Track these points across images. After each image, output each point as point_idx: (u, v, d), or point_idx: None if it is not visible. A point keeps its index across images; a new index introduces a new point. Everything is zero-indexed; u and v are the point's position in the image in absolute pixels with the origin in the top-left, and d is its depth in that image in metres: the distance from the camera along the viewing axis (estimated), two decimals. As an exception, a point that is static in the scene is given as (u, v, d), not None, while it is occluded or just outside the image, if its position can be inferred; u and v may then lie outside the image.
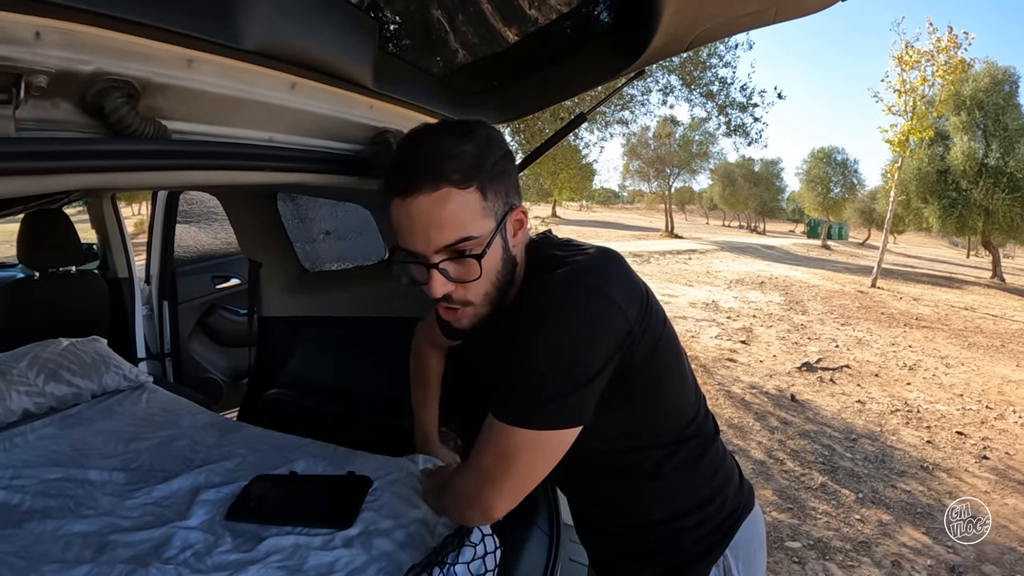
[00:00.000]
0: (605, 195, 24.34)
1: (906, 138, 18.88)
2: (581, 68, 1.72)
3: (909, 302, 16.91)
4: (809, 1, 1.41)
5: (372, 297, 2.90)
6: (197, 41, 0.98)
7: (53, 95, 0.86)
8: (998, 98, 24.35)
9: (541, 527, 2.14)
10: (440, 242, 1.16)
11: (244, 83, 1.13)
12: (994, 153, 24.07)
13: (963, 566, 4.08)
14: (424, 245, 1.16)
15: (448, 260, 1.19)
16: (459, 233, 1.16)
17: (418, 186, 1.13)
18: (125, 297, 4.06)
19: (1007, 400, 8.03)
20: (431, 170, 1.13)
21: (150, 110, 1.02)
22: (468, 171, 1.15)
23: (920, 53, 18.69)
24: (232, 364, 4.70)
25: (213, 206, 4.94)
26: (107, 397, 2.94)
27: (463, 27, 1.61)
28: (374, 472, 2.18)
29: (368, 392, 2.81)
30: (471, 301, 1.24)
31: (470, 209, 1.16)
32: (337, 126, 1.47)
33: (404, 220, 1.17)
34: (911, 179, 25.28)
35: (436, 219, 1.14)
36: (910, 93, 18.69)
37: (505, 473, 1.24)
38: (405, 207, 1.15)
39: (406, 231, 1.18)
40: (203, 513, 1.97)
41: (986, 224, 24.78)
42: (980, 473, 5.64)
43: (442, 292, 1.19)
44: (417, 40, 1.61)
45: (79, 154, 0.87)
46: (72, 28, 0.81)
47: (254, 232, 3.27)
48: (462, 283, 1.21)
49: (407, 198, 1.14)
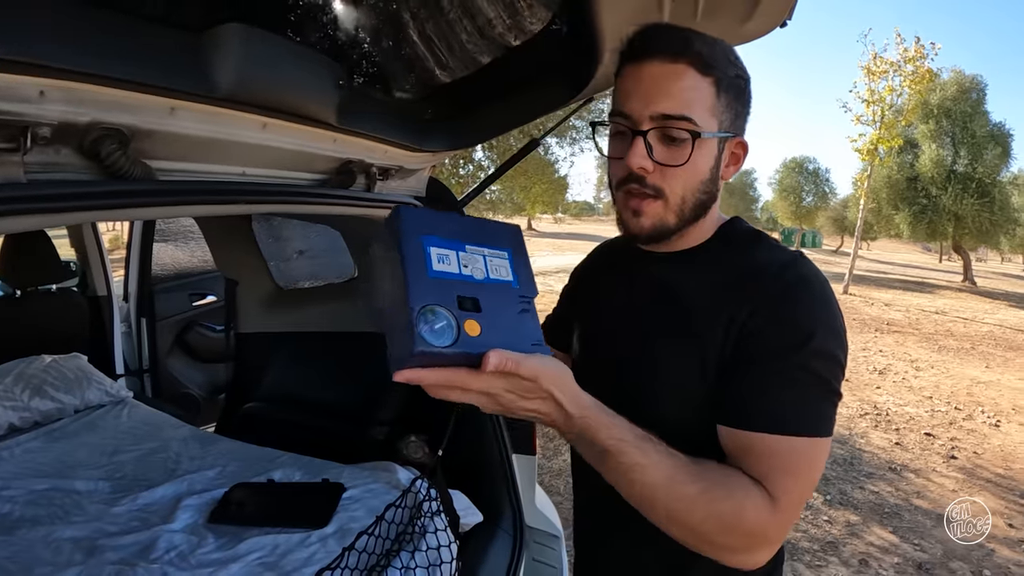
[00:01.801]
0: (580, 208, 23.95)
1: (875, 147, 19.07)
2: (532, 97, 1.83)
3: (880, 307, 17.10)
4: (748, 30, 1.49)
5: (343, 313, 2.98)
6: (178, 92, 1.09)
7: (55, 143, 0.97)
8: (965, 106, 24.76)
9: (505, 529, 2.26)
10: (659, 108, 1.03)
11: (220, 125, 1.23)
12: (962, 160, 24.49)
13: (930, 563, 4.16)
14: (641, 107, 1.04)
15: (657, 137, 1.06)
16: (682, 109, 1.03)
17: (658, 51, 1.04)
18: (104, 314, 4.07)
19: (976, 401, 8.18)
20: (677, 41, 1.04)
21: (139, 152, 1.13)
22: (712, 61, 1.04)
23: (888, 63, 18.94)
24: (209, 380, 4.72)
25: (189, 225, 4.97)
26: (90, 412, 3.02)
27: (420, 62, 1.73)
28: (349, 480, 2.28)
29: (341, 404, 2.90)
30: (665, 192, 1.08)
31: (701, 96, 1.04)
32: (304, 159, 1.57)
33: (629, 83, 1.07)
34: (881, 187, 25.61)
35: (664, 86, 1.03)
36: (878, 103, 18.89)
37: (802, 496, 1.01)
38: (636, 70, 1.06)
39: (626, 94, 1.07)
40: (186, 517, 2.07)
41: (956, 229, 25.14)
42: (948, 473, 5.73)
43: (639, 164, 1.05)
44: (376, 76, 1.73)
45: (80, 195, 0.98)
46: (71, 86, 0.93)
47: (230, 251, 3.35)
48: (664, 166, 1.06)
49: (642, 62, 1.05)
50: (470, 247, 0.91)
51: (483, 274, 0.90)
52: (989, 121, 24.90)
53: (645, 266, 1.22)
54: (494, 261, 0.92)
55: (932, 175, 24.78)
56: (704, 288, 1.12)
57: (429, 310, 0.81)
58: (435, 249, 0.87)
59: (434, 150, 1.93)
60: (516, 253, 0.96)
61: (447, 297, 0.84)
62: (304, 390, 3.08)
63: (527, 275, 0.95)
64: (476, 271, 0.90)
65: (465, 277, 0.88)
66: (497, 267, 0.92)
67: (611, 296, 1.29)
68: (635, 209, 1.10)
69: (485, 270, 0.90)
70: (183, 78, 1.09)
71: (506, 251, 0.94)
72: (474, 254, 0.91)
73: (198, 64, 1.12)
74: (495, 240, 0.95)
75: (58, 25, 0.89)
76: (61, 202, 0.95)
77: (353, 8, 1.52)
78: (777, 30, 1.51)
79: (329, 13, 1.50)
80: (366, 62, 1.67)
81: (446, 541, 1.85)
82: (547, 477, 4.95)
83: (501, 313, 0.88)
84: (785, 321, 1.02)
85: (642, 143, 1.04)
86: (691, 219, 1.13)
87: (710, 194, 1.13)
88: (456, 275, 0.87)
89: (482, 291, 0.88)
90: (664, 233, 1.12)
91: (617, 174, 1.12)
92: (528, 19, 1.60)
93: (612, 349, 1.21)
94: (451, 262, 0.88)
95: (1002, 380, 9.53)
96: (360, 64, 1.65)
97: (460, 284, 0.87)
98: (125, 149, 1.06)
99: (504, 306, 0.89)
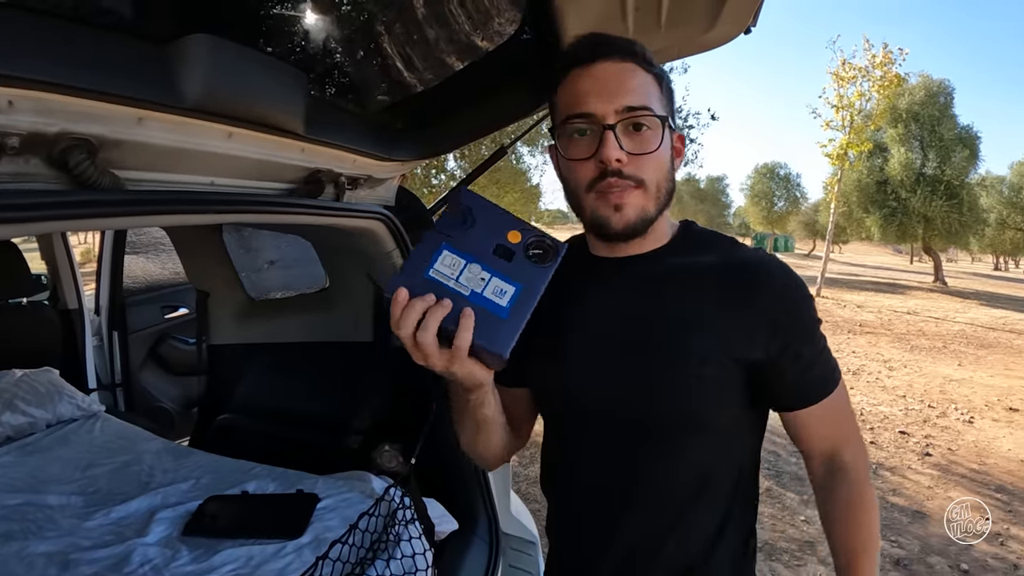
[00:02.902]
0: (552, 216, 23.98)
1: (845, 151, 19.29)
2: (500, 105, 1.83)
3: (853, 309, 17.26)
4: (711, 37, 1.52)
5: (315, 323, 2.97)
6: (146, 102, 1.09)
7: (25, 152, 0.98)
8: (933, 110, 25.19)
9: (481, 536, 2.27)
10: (623, 101, 1.06)
11: (188, 135, 1.23)
12: (931, 163, 24.85)
13: (908, 558, 4.18)
14: (604, 105, 1.06)
15: (623, 130, 1.07)
16: (643, 101, 1.07)
17: (608, 53, 1.08)
18: (76, 328, 4.03)
19: (949, 399, 8.25)
20: (622, 45, 1.10)
21: (107, 162, 1.13)
22: (651, 61, 1.12)
23: (857, 69, 19.17)
24: (183, 393, 4.69)
25: (161, 236, 4.92)
26: (62, 426, 2.99)
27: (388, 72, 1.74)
28: (324, 490, 2.28)
29: (314, 415, 2.89)
30: (644, 179, 1.09)
31: (652, 90, 1.10)
32: (272, 169, 1.56)
33: (585, 84, 1.09)
34: (852, 190, 25.93)
35: (623, 82, 1.08)
36: (847, 108, 19.12)
37: (856, 423, 1.25)
38: (589, 71, 1.09)
39: (583, 94, 1.09)
40: (160, 530, 2.06)
41: (926, 231, 25.48)
42: (923, 470, 5.77)
43: (616, 155, 1.05)
44: (344, 86, 1.74)
45: (48, 205, 0.99)
46: (40, 96, 0.93)
47: (200, 262, 3.34)
48: (638, 155, 1.08)
49: (593, 64, 1.09)
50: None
51: (479, 288, 0.94)
52: (957, 124, 25.36)
53: (619, 269, 1.21)
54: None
55: (901, 178, 25.15)
56: (700, 282, 1.15)
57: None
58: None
59: (403, 159, 1.93)
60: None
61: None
62: (277, 401, 3.07)
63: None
64: (473, 287, 0.94)
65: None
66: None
67: (583, 303, 1.23)
68: (616, 203, 1.09)
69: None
70: (151, 88, 1.09)
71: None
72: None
73: (165, 74, 1.12)
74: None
75: (27, 36, 0.89)
76: (30, 211, 0.96)
77: (320, 18, 1.53)
78: (741, 37, 1.53)
79: (296, 23, 1.50)
80: (333, 72, 1.68)
81: (421, 549, 1.86)
82: (524, 484, 4.94)
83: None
84: (801, 308, 1.14)
85: (612, 136, 1.05)
86: (663, 208, 1.16)
87: (673, 183, 1.17)
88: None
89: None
90: (647, 223, 1.13)
91: (586, 175, 1.10)
92: (494, 28, 1.62)
93: (609, 354, 1.18)
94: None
95: (974, 377, 9.64)
96: (327, 74, 1.66)
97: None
98: (93, 159, 1.06)
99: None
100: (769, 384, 1.15)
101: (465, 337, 0.92)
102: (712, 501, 1.19)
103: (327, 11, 1.53)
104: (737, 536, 1.23)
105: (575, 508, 1.32)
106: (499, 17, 1.58)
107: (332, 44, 1.60)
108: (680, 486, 1.17)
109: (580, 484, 1.28)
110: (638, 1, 1.35)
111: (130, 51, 1.08)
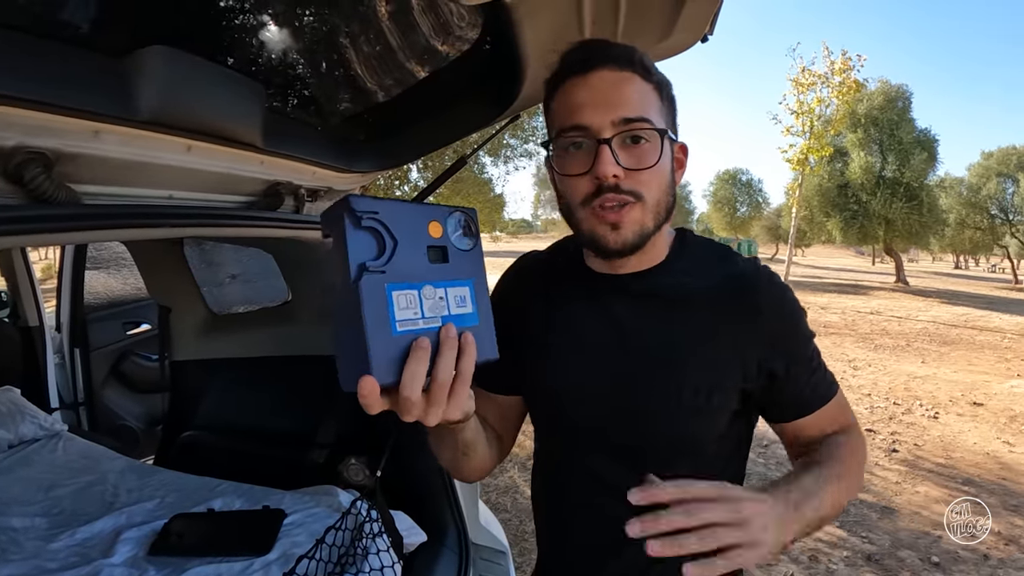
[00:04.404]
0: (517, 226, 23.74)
1: (806, 156, 19.58)
2: (459, 116, 1.84)
3: (817, 311, 17.40)
4: (668, 46, 1.52)
5: (278, 337, 2.95)
6: (102, 115, 1.08)
7: None
8: (892, 114, 25.70)
9: (450, 547, 2.26)
10: (620, 113, 1.01)
11: (144, 149, 1.22)
12: (891, 166, 25.31)
13: (879, 554, 4.21)
14: (600, 117, 1.01)
15: (620, 143, 1.02)
16: (641, 112, 1.02)
17: (604, 62, 1.03)
18: (36, 346, 3.96)
19: (914, 395, 8.37)
20: (619, 53, 1.04)
21: (64, 176, 1.12)
22: (651, 68, 1.06)
23: (816, 75, 19.47)
24: (147, 410, 4.61)
25: (122, 251, 4.86)
26: (24, 446, 2.94)
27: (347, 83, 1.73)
28: (291, 505, 2.26)
29: (279, 429, 2.87)
30: (642, 194, 1.04)
31: (651, 100, 1.05)
32: (231, 181, 1.55)
33: (580, 94, 1.03)
34: (813, 195, 26.34)
35: (621, 92, 1.02)
36: (807, 114, 19.41)
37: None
38: (585, 80, 1.03)
39: (578, 106, 1.03)
40: (126, 551, 2.03)
41: (887, 232, 25.91)
42: (891, 466, 5.84)
43: (612, 171, 1.00)
44: (303, 98, 1.73)
45: (3, 220, 0.97)
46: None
47: (162, 277, 3.30)
48: (635, 171, 1.03)
49: (588, 72, 1.03)
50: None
51: (446, 311, 0.80)
52: (915, 127, 25.93)
53: (615, 287, 1.17)
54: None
55: (862, 181, 25.61)
56: (697, 304, 1.12)
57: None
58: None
59: (363, 171, 1.92)
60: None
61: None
62: (242, 416, 3.04)
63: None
64: (439, 312, 0.79)
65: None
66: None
67: (578, 319, 1.20)
68: (613, 222, 1.04)
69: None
70: (107, 101, 1.08)
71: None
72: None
73: (122, 87, 1.11)
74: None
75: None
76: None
77: (279, 30, 1.52)
78: (698, 45, 1.53)
79: (255, 36, 1.50)
80: (292, 84, 1.67)
81: (389, 562, 1.85)
82: (493, 495, 4.92)
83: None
84: (798, 325, 1.15)
85: (607, 150, 1.00)
86: (663, 223, 1.11)
87: (674, 197, 1.12)
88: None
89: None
90: (645, 238, 1.07)
91: (581, 190, 1.05)
92: (455, 38, 1.62)
93: (604, 374, 1.15)
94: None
95: (938, 374, 9.77)
96: (286, 86, 1.65)
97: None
98: (49, 173, 1.05)
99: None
100: (770, 401, 1.16)
101: (468, 364, 0.79)
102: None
103: (286, 23, 1.52)
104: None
105: (566, 528, 1.30)
106: (459, 27, 1.58)
107: (291, 56, 1.59)
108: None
109: (571, 502, 1.26)
110: (595, 13, 1.35)
111: (86, 64, 1.07)
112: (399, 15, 1.58)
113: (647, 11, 1.37)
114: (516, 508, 4.68)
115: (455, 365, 0.77)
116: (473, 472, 1.22)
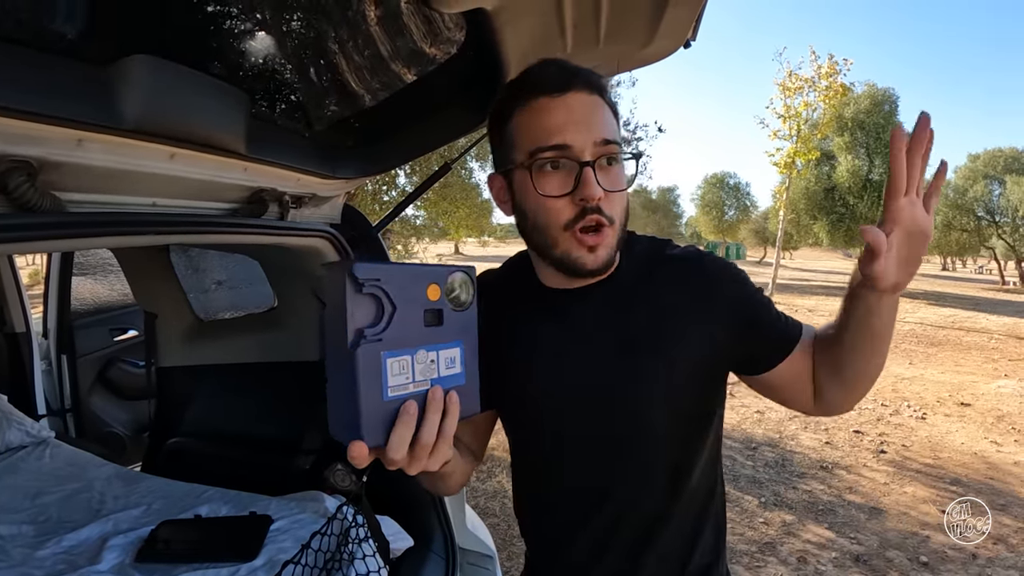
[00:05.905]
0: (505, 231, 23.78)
1: (793, 160, 19.66)
2: (442, 123, 1.84)
3: (804, 313, 17.40)
4: (650, 52, 1.53)
5: (264, 343, 2.95)
6: (85, 124, 1.08)
7: None
8: (879, 117, 25.83)
9: (437, 552, 2.26)
10: (600, 134, 1.04)
11: (128, 157, 1.22)
12: (877, 169, 25.43)
13: (867, 554, 4.23)
14: (583, 138, 1.03)
15: (599, 165, 1.04)
16: (614, 135, 1.06)
17: (580, 85, 1.05)
18: (23, 352, 3.93)
19: (901, 397, 8.41)
20: (589, 76, 1.07)
21: (48, 184, 1.13)
22: (607, 91, 1.11)
23: (803, 80, 19.55)
24: (134, 417, 4.58)
25: (108, 258, 4.82)
26: (11, 454, 2.93)
27: (331, 90, 1.74)
28: (277, 511, 2.27)
29: (265, 435, 2.87)
30: (615, 218, 1.07)
31: (613, 122, 1.08)
32: (215, 188, 1.55)
33: (559, 115, 1.04)
34: (800, 198, 26.46)
35: (596, 115, 1.05)
36: (794, 118, 19.49)
37: None
38: (562, 101, 1.04)
39: (560, 125, 1.03)
40: (113, 558, 2.03)
41: (874, 235, 26.01)
42: (878, 467, 5.87)
43: (598, 194, 1.02)
44: (286, 105, 1.74)
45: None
46: None
47: (148, 283, 3.29)
48: (611, 192, 1.05)
49: (565, 93, 1.04)
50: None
51: (435, 374, 0.82)
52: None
53: (578, 299, 1.18)
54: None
55: (848, 185, 25.73)
56: (655, 296, 1.15)
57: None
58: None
59: (347, 177, 1.93)
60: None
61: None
62: (228, 423, 3.03)
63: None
64: (429, 376, 0.82)
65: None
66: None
67: (539, 337, 1.21)
68: (592, 245, 1.06)
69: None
70: (90, 109, 1.08)
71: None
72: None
73: (106, 95, 1.11)
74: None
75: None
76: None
77: (262, 38, 1.53)
78: (681, 51, 1.54)
79: (237, 43, 1.50)
80: (275, 91, 1.67)
81: (375, 567, 1.85)
82: (482, 499, 4.92)
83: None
84: (746, 283, 1.19)
85: (592, 172, 1.02)
86: (623, 239, 1.13)
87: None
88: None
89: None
90: (613, 259, 1.11)
91: (564, 213, 1.05)
92: (439, 44, 1.63)
93: (580, 381, 1.17)
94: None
95: (926, 375, 9.84)
96: (270, 93, 1.66)
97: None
98: (33, 181, 1.05)
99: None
100: (754, 354, 1.17)
101: (451, 424, 0.82)
102: (689, 503, 1.21)
103: (269, 31, 1.53)
104: (713, 535, 1.27)
105: (556, 544, 1.31)
106: (442, 33, 1.59)
107: (274, 64, 1.59)
108: (657, 490, 1.18)
109: (557, 520, 1.28)
110: (576, 17, 1.36)
111: (70, 72, 1.07)
112: (382, 21, 1.58)
113: (628, 17, 1.38)
114: (504, 512, 4.69)
115: (439, 426, 0.81)
116: (451, 489, 1.26)
